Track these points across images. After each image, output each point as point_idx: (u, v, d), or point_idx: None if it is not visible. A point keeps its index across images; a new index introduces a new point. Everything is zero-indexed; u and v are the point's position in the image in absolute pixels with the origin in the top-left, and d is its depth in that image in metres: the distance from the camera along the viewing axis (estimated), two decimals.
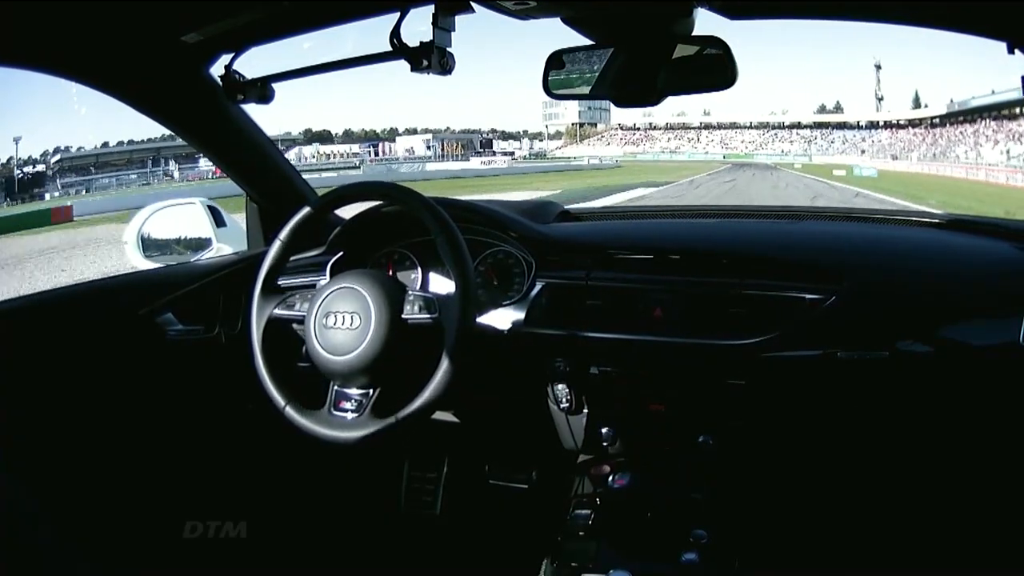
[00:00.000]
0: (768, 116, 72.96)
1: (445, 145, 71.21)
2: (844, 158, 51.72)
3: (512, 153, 68.66)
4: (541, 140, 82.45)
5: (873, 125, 63.64)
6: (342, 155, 65.91)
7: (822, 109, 77.31)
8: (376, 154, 66.83)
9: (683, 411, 1.22)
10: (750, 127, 72.03)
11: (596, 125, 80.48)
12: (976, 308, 1.11)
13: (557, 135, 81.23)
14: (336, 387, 1.04)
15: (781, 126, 70.70)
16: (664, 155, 64.28)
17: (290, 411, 1.02)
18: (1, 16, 0.91)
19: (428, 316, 1.03)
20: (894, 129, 60.24)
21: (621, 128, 78.53)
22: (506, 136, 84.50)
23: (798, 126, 69.81)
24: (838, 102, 78.46)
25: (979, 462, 1.17)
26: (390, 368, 1.02)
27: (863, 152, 56.13)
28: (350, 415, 1.02)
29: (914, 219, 1.38)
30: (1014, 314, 1.06)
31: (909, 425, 1.16)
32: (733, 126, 72.20)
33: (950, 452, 1.18)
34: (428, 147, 69.65)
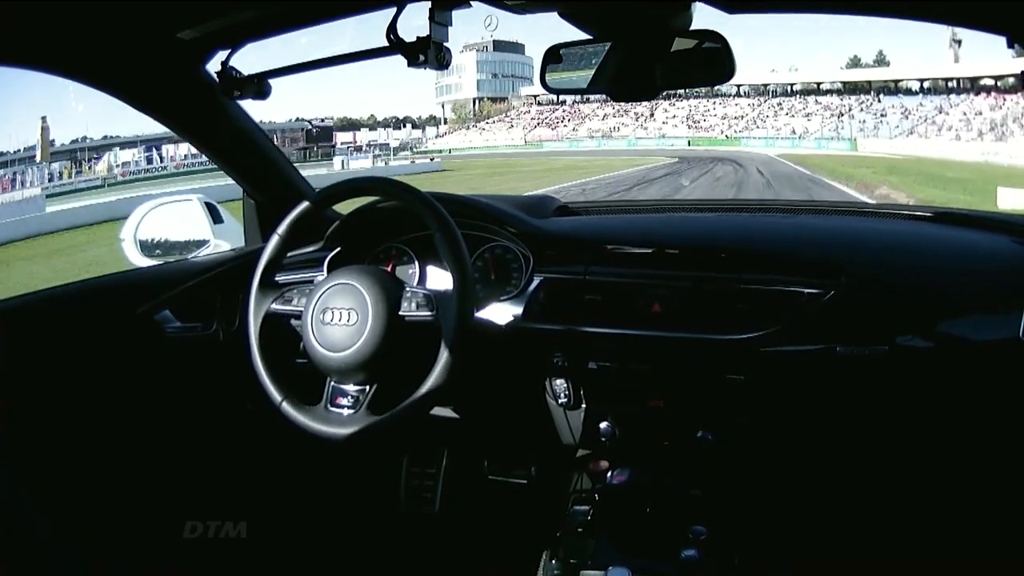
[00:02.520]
0: (768, 76, 48.06)
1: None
2: (923, 144, 29.29)
3: (361, 147, 48.29)
4: (439, 125, 62.34)
5: (945, 87, 38.22)
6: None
7: (855, 63, 53.00)
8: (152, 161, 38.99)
9: (682, 406, 1.22)
10: (738, 94, 47.46)
11: (503, 100, 59.21)
12: (975, 303, 1.11)
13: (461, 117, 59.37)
14: (332, 383, 1.04)
15: (789, 91, 46.05)
16: (589, 142, 45.36)
17: (286, 407, 1.02)
18: None
19: (426, 312, 1.02)
20: (987, 94, 34.77)
21: (537, 103, 55.92)
22: (395, 124, 61.94)
23: (817, 90, 44.68)
24: (881, 52, 53.04)
25: (978, 457, 1.17)
26: (387, 364, 1.02)
27: (955, 133, 32.07)
28: (346, 411, 1.02)
29: (913, 214, 1.38)
30: (1013, 309, 1.06)
31: (908, 420, 1.16)
32: (712, 95, 47.83)
33: (949, 447, 1.18)
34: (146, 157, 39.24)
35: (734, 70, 1.00)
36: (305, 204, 1.10)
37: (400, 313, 1.02)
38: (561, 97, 47.60)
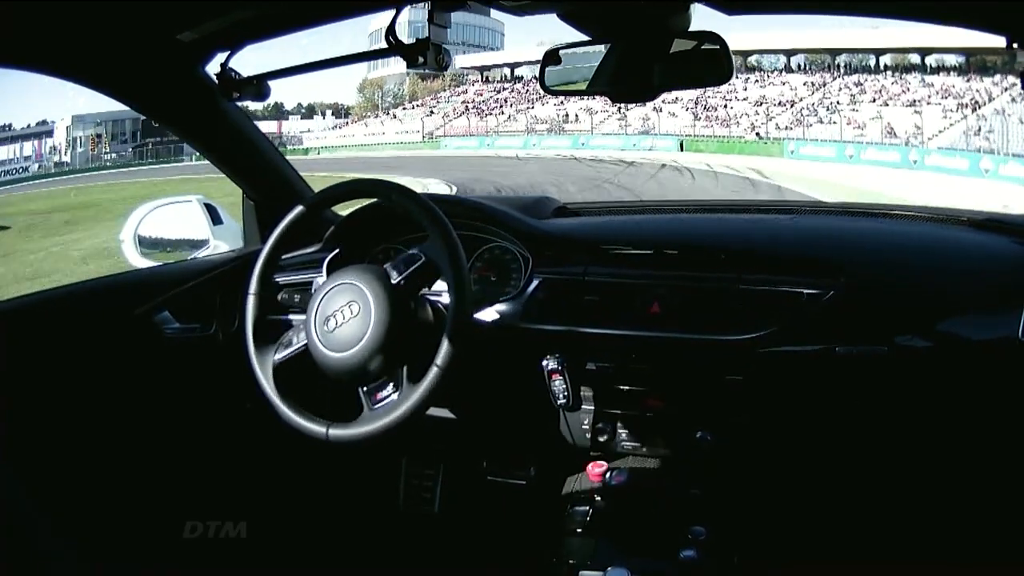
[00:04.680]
0: (838, 36, 25.88)
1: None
2: None
3: None
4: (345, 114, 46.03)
5: None
6: None
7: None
8: None
9: (681, 407, 1.22)
10: (787, 68, 28.98)
11: (438, 77, 39.26)
12: (975, 303, 1.11)
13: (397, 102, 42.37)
14: (363, 390, 1.02)
15: (875, 66, 26.63)
16: (512, 140, 28.26)
17: (335, 431, 1.00)
18: None
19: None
20: None
21: (485, 80, 38.87)
22: (305, 112, 47.18)
23: (922, 65, 25.00)
24: None
25: (978, 457, 1.17)
26: (394, 360, 1.01)
27: None
28: (382, 403, 1.01)
29: (912, 214, 1.38)
30: (1013, 309, 1.06)
31: (907, 420, 1.16)
32: (742, 69, 28.83)
33: (949, 447, 1.18)
34: None
35: (732, 71, 1.01)
36: (300, 208, 1.10)
37: (402, 309, 1.02)
38: (504, 73, 37.86)
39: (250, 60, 1.20)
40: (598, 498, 1.13)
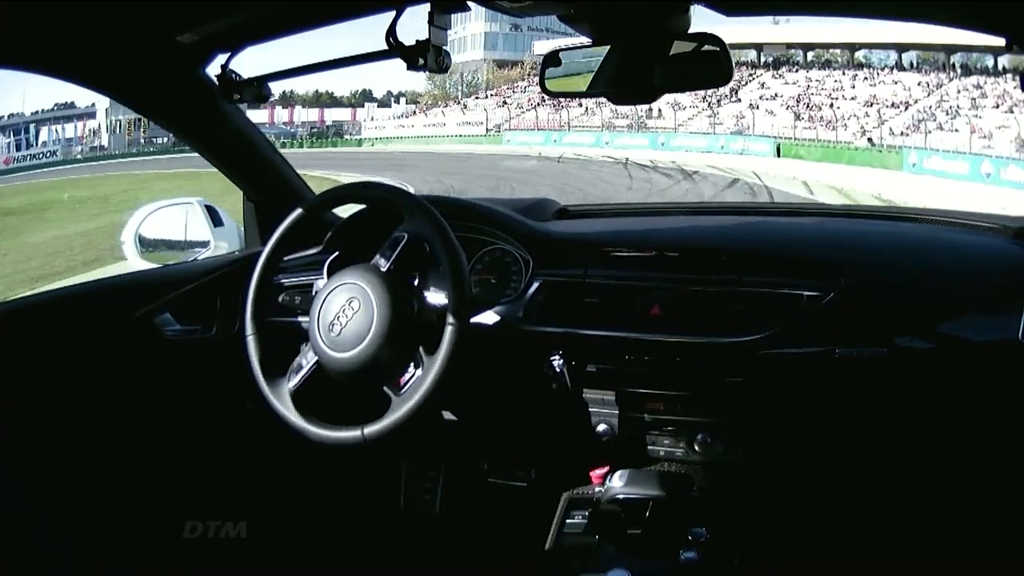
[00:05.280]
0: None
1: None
2: None
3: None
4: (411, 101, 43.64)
5: None
6: None
7: None
8: None
9: (682, 409, 1.22)
10: (898, 66, 25.97)
11: (516, 64, 38.40)
12: (975, 305, 1.11)
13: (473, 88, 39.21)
14: (386, 387, 1.01)
15: (993, 67, 22.80)
16: (580, 137, 25.70)
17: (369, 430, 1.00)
18: None
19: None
20: None
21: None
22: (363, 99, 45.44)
23: None
24: None
25: (978, 459, 1.17)
26: (398, 358, 1.01)
27: None
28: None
29: (912, 216, 1.38)
30: (1013, 311, 1.06)
31: (908, 422, 1.16)
32: (849, 65, 27.13)
33: (949, 449, 1.18)
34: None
35: (732, 73, 1.01)
36: (298, 211, 1.10)
37: (401, 292, 1.02)
38: None
39: (250, 61, 1.20)
40: (599, 500, 1.13)
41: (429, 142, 30.14)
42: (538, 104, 31.20)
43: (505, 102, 34.23)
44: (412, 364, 1.00)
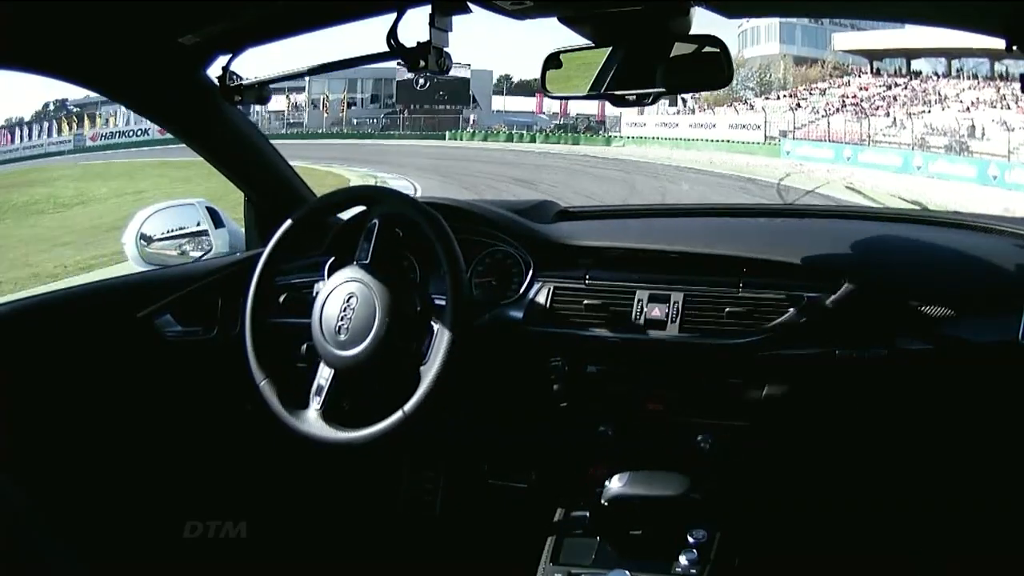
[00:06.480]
0: None
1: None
2: None
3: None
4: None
5: None
6: None
7: None
8: None
9: (681, 410, 1.22)
10: None
11: (814, 63, 29.42)
12: (975, 306, 1.11)
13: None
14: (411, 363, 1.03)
15: None
16: (892, 154, 17.58)
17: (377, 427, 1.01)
18: None
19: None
20: None
21: (874, 72, 26.94)
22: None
23: None
24: None
25: (978, 460, 1.17)
26: (399, 356, 1.02)
27: None
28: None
29: (912, 217, 1.38)
30: (1013, 312, 1.05)
31: (908, 423, 1.16)
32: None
33: (949, 451, 1.18)
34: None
35: (732, 74, 1.02)
36: (297, 214, 1.11)
37: (393, 277, 1.04)
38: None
39: (251, 62, 1.19)
40: (598, 501, 1.13)
41: (690, 146, 23.97)
42: (837, 109, 24.29)
43: (799, 104, 26.27)
44: (427, 335, 1.02)
